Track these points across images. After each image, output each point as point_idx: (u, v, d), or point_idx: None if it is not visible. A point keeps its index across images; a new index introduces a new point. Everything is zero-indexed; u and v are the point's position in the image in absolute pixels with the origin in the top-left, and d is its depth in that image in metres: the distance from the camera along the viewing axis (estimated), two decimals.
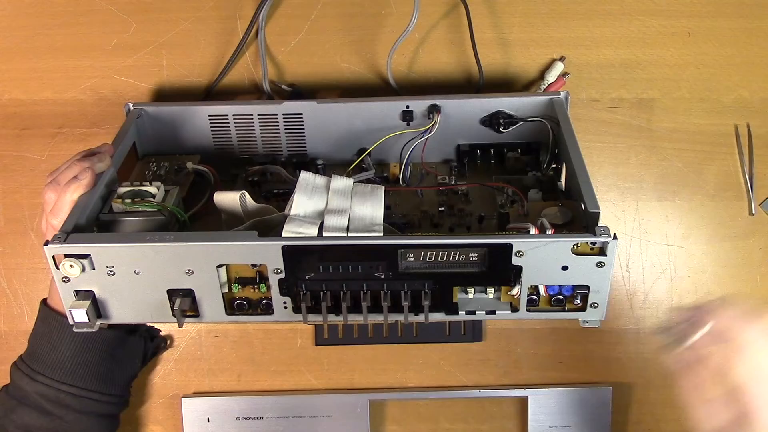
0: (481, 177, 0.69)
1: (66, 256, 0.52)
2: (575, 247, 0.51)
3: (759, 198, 0.76)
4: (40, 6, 0.74)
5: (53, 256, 0.52)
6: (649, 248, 0.77)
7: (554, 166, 0.67)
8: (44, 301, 0.67)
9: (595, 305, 0.54)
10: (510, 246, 0.51)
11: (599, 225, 0.52)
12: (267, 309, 0.56)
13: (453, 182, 0.67)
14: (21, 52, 0.75)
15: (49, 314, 0.66)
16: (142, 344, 0.73)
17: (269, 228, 0.57)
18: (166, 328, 0.79)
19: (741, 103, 0.75)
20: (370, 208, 0.58)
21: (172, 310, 0.55)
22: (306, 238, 0.53)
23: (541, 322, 0.79)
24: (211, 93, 0.75)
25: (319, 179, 0.60)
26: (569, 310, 0.56)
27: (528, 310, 0.55)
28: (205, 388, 0.80)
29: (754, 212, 0.76)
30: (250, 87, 0.76)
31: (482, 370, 0.80)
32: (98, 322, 0.56)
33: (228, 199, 0.59)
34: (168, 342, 0.80)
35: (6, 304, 0.79)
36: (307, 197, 0.58)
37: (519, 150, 0.69)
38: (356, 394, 0.79)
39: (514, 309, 0.56)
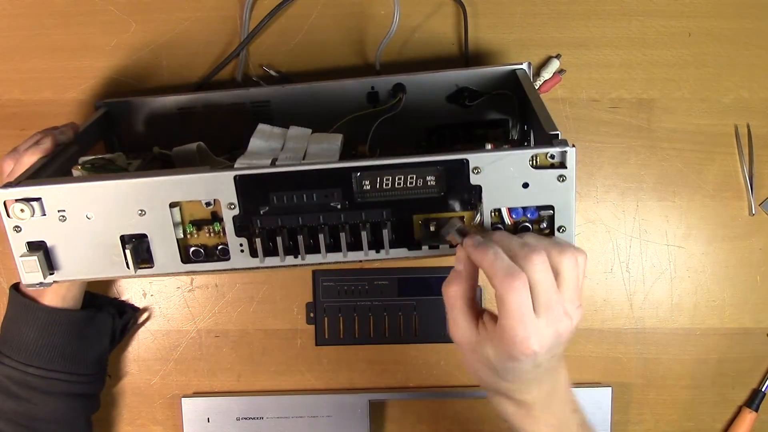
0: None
1: (17, 200, 0.51)
2: (534, 161, 0.50)
3: (759, 198, 0.76)
4: (40, 6, 0.74)
5: (4, 202, 0.51)
6: (649, 248, 0.77)
7: (525, 144, 0.66)
8: (15, 286, 0.67)
9: (562, 229, 0.53)
10: (466, 162, 0.50)
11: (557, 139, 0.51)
12: (224, 254, 0.55)
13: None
14: (21, 52, 0.75)
15: (16, 297, 0.66)
16: (110, 321, 0.73)
17: None
18: (161, 310, 0.79)
19: (741, 103, 0.75)
20: (327, 145, 0.56)
21: (125, 259, 0.53)
22: (258, 167, 0.52)
23: None
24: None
25: (277, 129, 0.59)
26: None
27: None
28: (205, 388, 0.80)
29: (754, 212, 0.76)
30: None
31: None
32: (50, 278, 0.54)
33: (185, 150, 0.58)
34: (148, 316, 0.78)
35: (5, 304, 0.79)
36: (263, 141, 0.57)
37: (486, 127, 0.68)
38: (356, 395, 0.79)
39: None
